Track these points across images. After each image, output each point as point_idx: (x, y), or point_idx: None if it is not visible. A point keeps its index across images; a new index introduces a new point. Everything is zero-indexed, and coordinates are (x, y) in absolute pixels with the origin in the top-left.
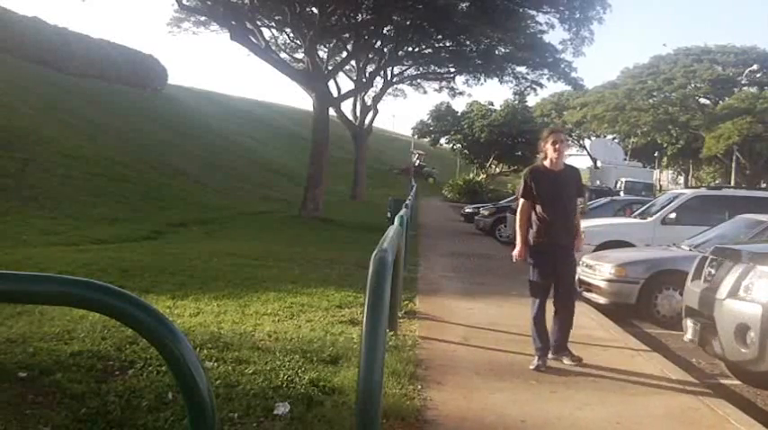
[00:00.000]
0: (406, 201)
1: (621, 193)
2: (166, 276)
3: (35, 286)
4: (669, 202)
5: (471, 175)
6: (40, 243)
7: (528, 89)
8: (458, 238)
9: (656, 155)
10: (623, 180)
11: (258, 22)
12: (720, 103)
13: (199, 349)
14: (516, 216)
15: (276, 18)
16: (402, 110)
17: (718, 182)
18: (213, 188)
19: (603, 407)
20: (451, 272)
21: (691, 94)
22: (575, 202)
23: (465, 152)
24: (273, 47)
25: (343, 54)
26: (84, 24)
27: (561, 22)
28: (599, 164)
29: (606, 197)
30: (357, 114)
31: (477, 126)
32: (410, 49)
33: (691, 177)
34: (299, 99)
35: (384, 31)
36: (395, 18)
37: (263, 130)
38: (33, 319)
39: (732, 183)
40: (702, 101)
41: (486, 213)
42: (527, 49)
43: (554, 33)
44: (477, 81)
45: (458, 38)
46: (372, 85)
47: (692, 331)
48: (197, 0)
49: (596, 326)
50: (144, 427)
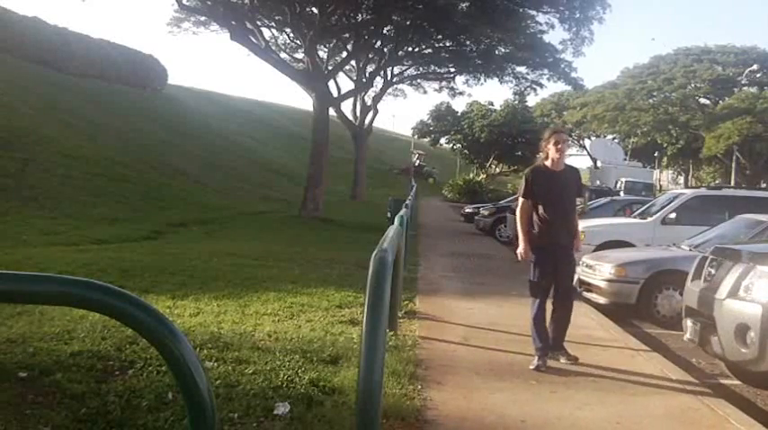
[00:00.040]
0: (406, 201)
1: (621, 193)
2: (166, 276)
3: (35, 286)
4: (669, 202)
5: (471, 175)
6: (40, 243)
7: (528, 89)
8: (458, 238)
9: (656, 155)
10: (623, 180)
11: (258, 22)
12: (720, 102)
13: (199, 349)
14: (516, 215)
15: (276, 18)
16: (402, 110)
17: (718, 182)
18: (213, 188)
19: (603, 406)
20: (451, 272)
21: (691, 94)
22: (575, 202)
23: (465, 152)
24: (273, 47)
25: (343, 54)
26: (84, 24)
27: (561, 22)
28: (599, 164)
29: (606, 197)
30: (357, 114)
31: (477, 126)
32: (410, 49)
33: (691, 177)
34: (299, 99)
35: (384, 31)
36: (395, 18)
37: (263, 130)
38: (33, 319)
39: (732, 183)
40: (702, 101)
41: (486, 213)
42: (527, 49)
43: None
44: (477, 81)
45: (458, 38)
46: (372, 85)
47: (691, 331)
48: (197, 0)
49: (596, 326)
50: (144, 427)
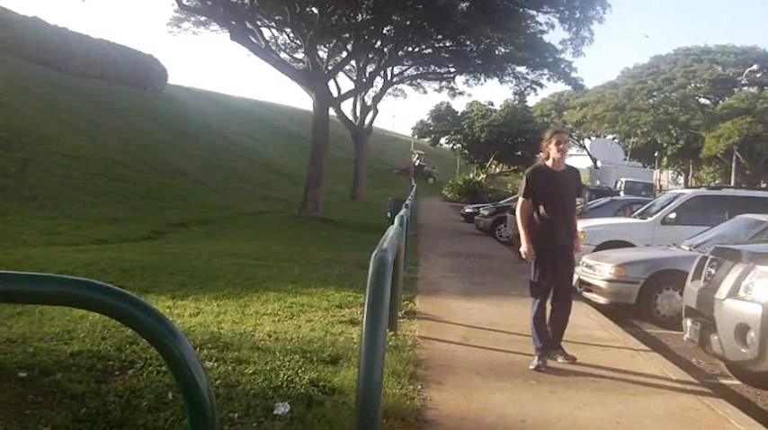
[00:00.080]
0: (406, 201)
1: (621, 193)
2: (166, 276)
3: (35, 286)
4: (669, 202)
5: (471, 175)
6: (40, 243)
7: (528, 89)
8: (458, 238)
9: (656, 155)
10: (623, 180)
11: (258, 22)
12: (720, 102)
13: (199, 349)
14: (517, 215)
15: (276, 18)
16: (402, 110)
17: (718, 182)
18: (213, 188)
19: (603, 406)
20: (451, 272)
21: (691, 94)
22: (575, 202)
23: (465, 152)
24: (273, 47)
25: (343, 54)
26: (84, 24)
27: (561, 21)
28: (599, 164)
29: (606, 197)
30: (357, 114)
31: (477, 126)
32: (410, 49)
33: (691, 177)
34: (299, 99)
35: (384, 31)
36: (395, 18)
37: (263, 130)
38: (33, 319)
39: (732, 183)
40: (702, 101)
41: (486, 213)
42: (527, 49)
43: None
44: (477, 81)
45: (458, 38)
46: (372, 85)
47: (691, 331)
48: (197, 0)
49: (596, 326)
50: (144, 427)
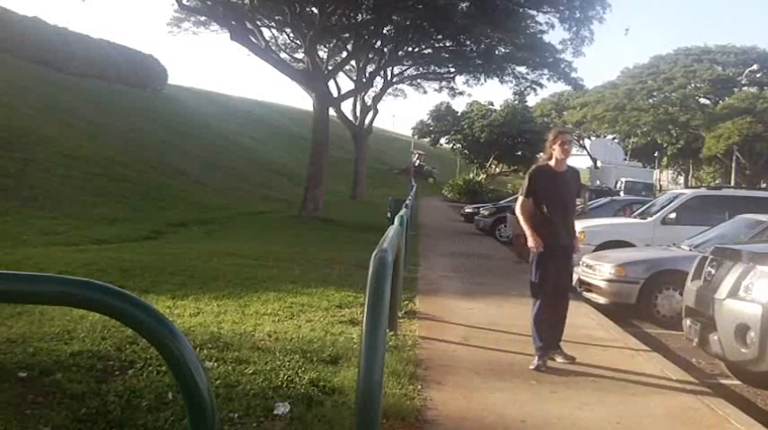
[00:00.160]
0: (406, 201)
1: (621, 193)
2: (166, 276)
3: (35, 286)
4: (669, 202)
5: (471, 175)
6: (40, 243)
7: (528, 89)
8: (458, 238)
9: (656, 155)
10: (623, 180)
11: (258, 22)
12: (720, 102)
13: (199, 349)
14: (518, 213)
15: (276, 18)
16: (402, 110)
17: (718, 182)
18: (213, 188)
19: (603, 406)
20: (451, 272)
21: (691, 94)
22: (575, 203)
23: (465, 152)
24: (273, 47)
25: (343, 54)
26: (84, 24)
27: (561, 21)
28: (599, 164)
29: (606, 197)
30: (357, 114)
31: (477, 126)
32: (410, 49)
33: (691, 177)
34: (299, 99)
35: (384, 31)
36: (395, 18)
37: (263, 130)
38: (33, 319)
39: (732, 183)
40: (702, 101)
41: (486, 213)
42: (527, 49)
43: (554, 33)
44: (477, 81)
45: (458, 38)
46: (372, 85)
47: (691, 331)
48: (197, 0)
49: (596, 326)
50: (144, 427)
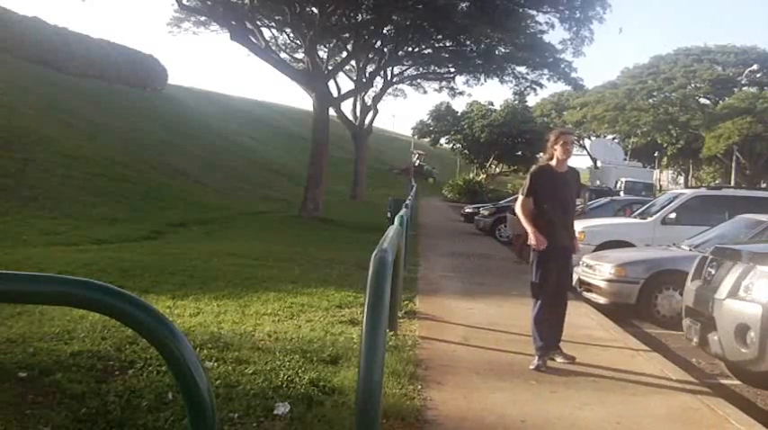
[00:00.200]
0: (406, 201)
1: (621, 193)
2: (166, 276)
3: (35, 286)
4: (669, 202)
5: (471, 175)
6: (40, 243)
7: (528, 89)
8: (458, 238)
9: (656, 155)
10: (623, 180)
11: (258, 22)
12: (720, 102)
13: (199, 349)
14: (518, 212)
15: (276, 18)
16: (402, 110)
17: (718, 182)
18: (213, 188)
19: (603, 406)
20: (451, 272)
21: (691, 94)
22: (575, 203)
23: (465, 152)
24: (273, 47)
25: (343, 54)
26: (84, 24)
27: (561, 21)
28: (599, 164)
29: (606, 197)
30: (357, 114)
31: (478, 126)
32: (410, 49)
33: (691, 177)
34: (299, 99)
35: (384, 31)
36: (395, 18)
37: (263, 130)
38: (33, 319)
39: (732, 183)
40: (702, 101)
41: (486, 213)
42: (527, 49)
43: (554, 33)
44: (477, 81)
45: (458, 38)
46: (372, 85)
47: (691, 331)
48: (197, 0)
49: (596, 326)
50: (144, 427)
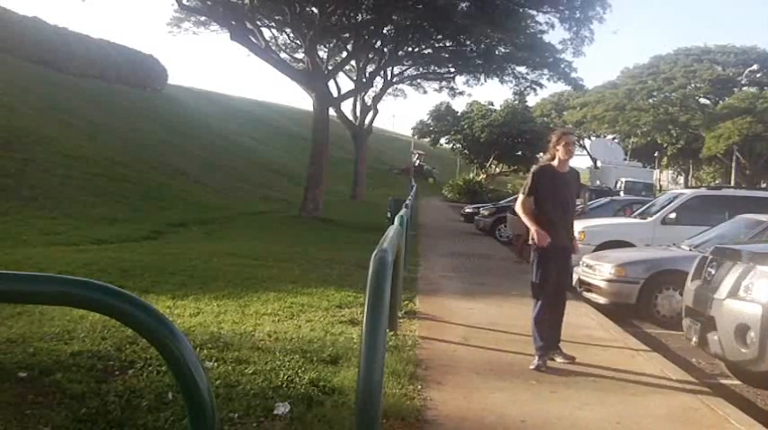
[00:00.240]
0: (406, 201)
1: (621, 193)
2: (166, 276)
3: (35, 286)
4: (669, 202)
5: (471, 175)
6: (40, 243)
7: (528, 89)
8: (458, 238)
9: (656, 155)
10: (623, 180)
11: (258, 22)
12: (720, 102)
13: (199, 349)
14: (518, 211)
15: (276, 18)
16: (402, 110)
17: (718, 182)
18: (213, 188)
19: (603, 406)
20: (451, 272)
21: (691, 94)
22: (575, 203)
23: (465, 152)
24: (273, 47)
25: (343, 54)
26: (84, 24)
27: (561, 21)
28: (599, 164)
29: (606, 197)
30: (357, 114)
31: (478, 126)
32: (410, 49)
33: (691, 177)
34: (299, 99)
35: (384, 31)
36: (395, 18)
37: (263, 130)
38: (33, 319)
39: (732, 183)
40: (702, 101)
41: (486, 213)
42: (527, 49)
43: (554, 33)
44: (478, 81)
45: (458, 38)
46: (372, 85)
47: (691, 331)
48: (197, 0)
49: (596, 326)
50: (144, 427)
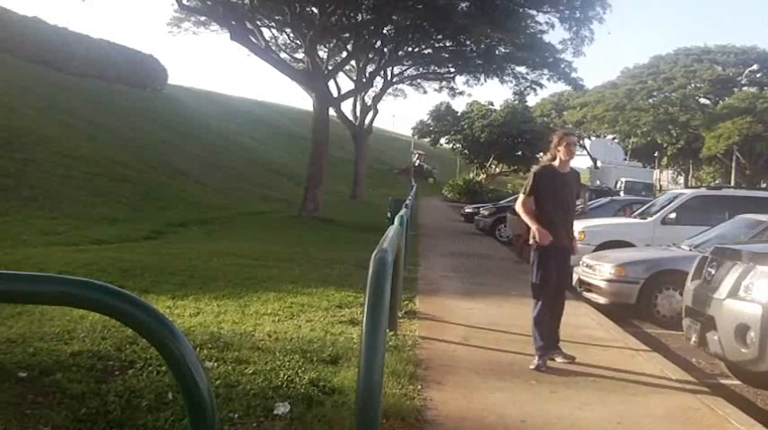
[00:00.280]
0: (406, 201)
1: (621, 193)
2: (166, 276)
3: (35, 286)
4: (669, 202)
5: (471, 175)
6: (40, 243)
7: (528, 89)
8: (458, 238)
9: (656, 155)
10: (623, 180)
11: (258, 22)
12: (720, 102)
13: (199, 349)
14: (519, 211)
15: (276, 18)
16: (402, 110)
17: (718, 182)
18: (213, 188)
19: (604, 406)
20: (451, 272)
21: (691, 94)
22: (575, 204)
23: (465, 152)
24: (273, 47)
25: (343, 54)
26: (84, 24)
27: (561, 21)
28: (599, 164)
29: (606, 197)
30: (357, 114)
31: (478, 126)
32: (410, 49)
33: (691, 177)
34: (299, 99)
35: (384, 31)
36: (395, 18)
37: (263, 130)
38: (33, 319)
39: (732, 183)
40: (702, 101)
41: (486, 213)
42: (527, 49)
43: (554, 33)
44: (478, 81)
45: (458, 38)
46: (372, 85)
47: (691, 331)
48: (197, 0)
49: (596, 326)
50: (144, 427)
